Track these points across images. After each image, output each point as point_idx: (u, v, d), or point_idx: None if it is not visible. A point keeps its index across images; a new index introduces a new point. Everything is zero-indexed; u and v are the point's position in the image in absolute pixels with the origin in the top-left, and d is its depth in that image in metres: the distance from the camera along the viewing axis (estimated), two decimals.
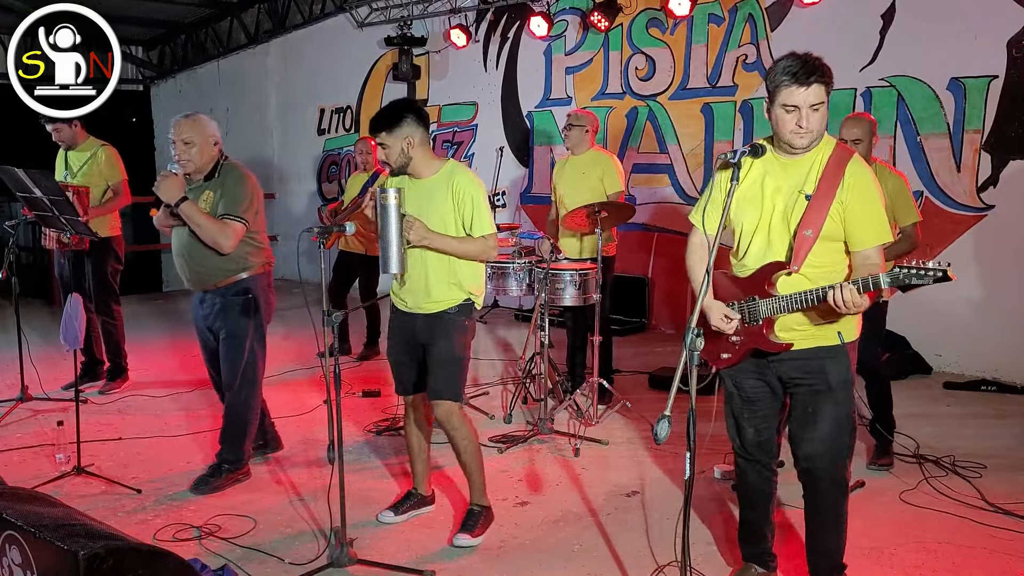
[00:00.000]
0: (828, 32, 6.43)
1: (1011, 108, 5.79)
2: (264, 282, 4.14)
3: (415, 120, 3.41)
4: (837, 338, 2.78)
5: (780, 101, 2.64)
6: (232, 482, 4.15)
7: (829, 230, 2.69)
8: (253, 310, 4.08)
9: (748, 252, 2.85)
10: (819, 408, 2.80)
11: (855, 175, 2.68)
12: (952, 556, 3.36)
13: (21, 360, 5.47)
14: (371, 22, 10.08)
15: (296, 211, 11.62)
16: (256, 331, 4.12)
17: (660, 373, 6.02)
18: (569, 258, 5.41)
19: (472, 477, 3.64)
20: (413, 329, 3.58)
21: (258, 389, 4.23)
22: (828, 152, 2.73)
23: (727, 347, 2.87)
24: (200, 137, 3.93)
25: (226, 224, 3.89)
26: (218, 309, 4.06)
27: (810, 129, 2.64)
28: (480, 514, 3.61)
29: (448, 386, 3.52)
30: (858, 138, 4.02)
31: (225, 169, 4.03)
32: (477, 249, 3.46)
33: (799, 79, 2.58)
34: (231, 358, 4.09)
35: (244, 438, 4.20)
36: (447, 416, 3.53)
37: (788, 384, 2.87)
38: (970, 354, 6.08)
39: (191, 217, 3.84)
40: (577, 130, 5.42)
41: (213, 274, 4.01)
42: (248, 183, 4.02)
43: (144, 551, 2.53)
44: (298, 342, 7.33)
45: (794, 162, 2.75)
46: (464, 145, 9.49)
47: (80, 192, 5.35)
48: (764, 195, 2.78)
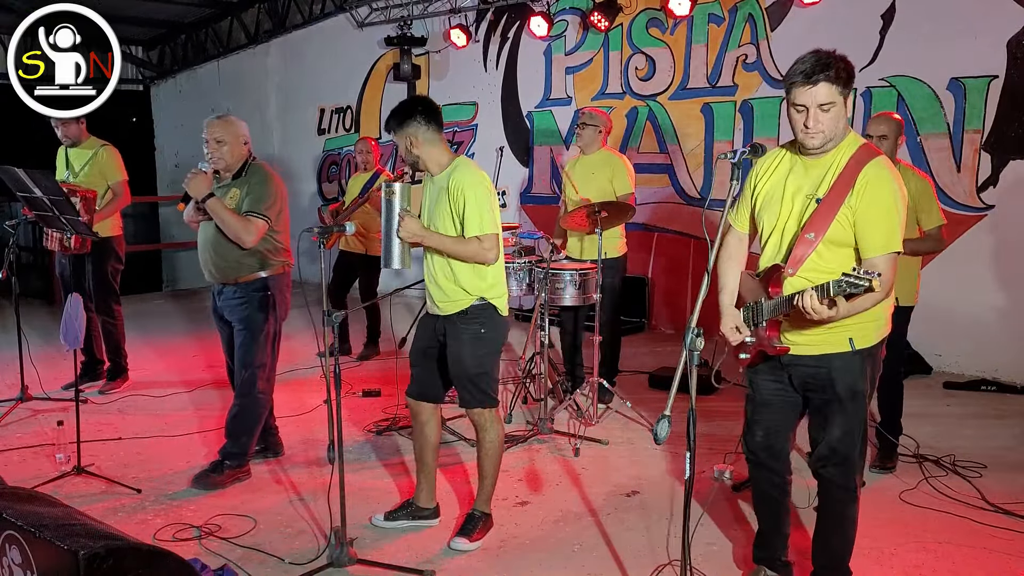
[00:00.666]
0: (828, 32, 6.41)
1: (1011, 108, 5.79)
2: (282, 282, 4.25)
3: (421, 119, 3.39)
4: (848, 344, 2.71)
5: (791, 100, 2.62)
6: (232, 479, 4.17)
7: (836, 235, 2.63)
8: (271, 307, 4.17)
9: (764, 252, 2.85)
10: (829, 415, 2.78)
11: (869, 179, 2.59)
12: (952, 556, 3.36)
13: (21, 360, 5.47)
14: (371, 22, 10.08)
15: (296, 211, 11.53)
16: (272, 327, 4.21)
17: (660, 373, 6.02)
18: (571, 257, 5.40)
19: (485, 482, 3.60)
20: (435, 329, 3.57)
21: (270, 387, 4.29)
22: (849, 153, 2.66)
23: (745, 347, 2.86)
24: (231, 136, 4.07)
25: (249, 221, 4.00)
26: (236, 303, 4.15)
27: (820, 130, 2.59)
28: (481, 519, 3.59)
29: (476, 396, 3.50)
30: (884, 134, 3.99)
31: (252, 169, 4.15)
32: (470, 251, 3.35)
33: (806, 77, 2.55)
34: (243, 351, 4.16)
35: (250, 435, 4.24)
36: (478, 420, 3.54)
37: (803, 388, 2.85)
38: (970, 354, 6.08)
39: (216, 212, 3.97)
40: (591, 129, 5.39)
41: (235, 268, 4.12)
42: (273, 183, 4.14)
43: (144, 551, 2.53)
44: (298, 342, 7.33)
45: (815, 163, 2.71)
46: (464, 145, 9.48)
47: (88, 198, 5.34)
48: (785, 195, 2.76)
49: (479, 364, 3.46)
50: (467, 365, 3.45)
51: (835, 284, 2.40)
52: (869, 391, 2.83)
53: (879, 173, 2.62)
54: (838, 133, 2.64)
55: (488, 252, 3.36)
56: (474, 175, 3.40)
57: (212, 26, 11.99)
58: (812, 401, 2.85)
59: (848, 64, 2.60)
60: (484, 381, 3.49)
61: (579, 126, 5.45)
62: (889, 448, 4.30)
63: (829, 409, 2.78)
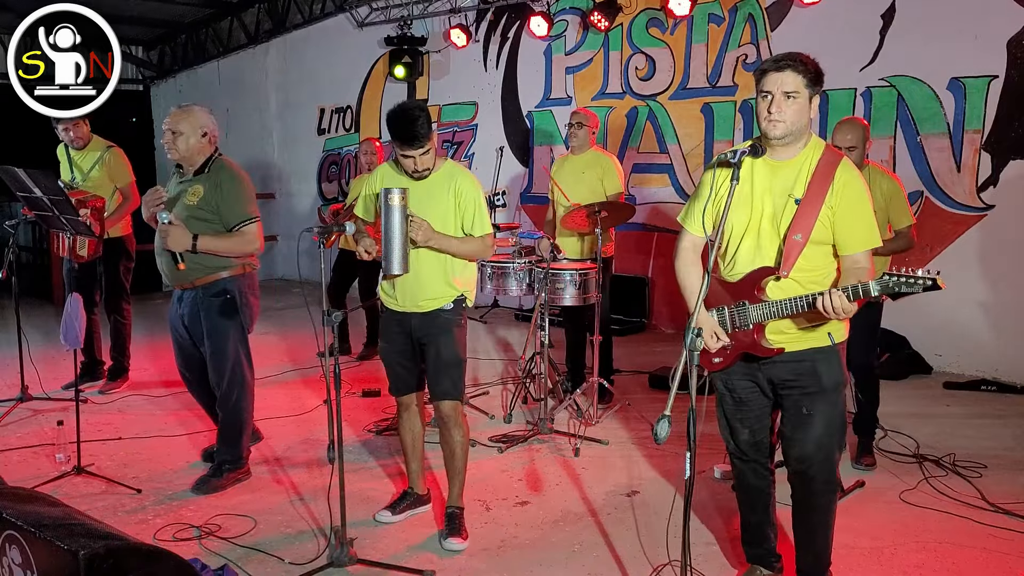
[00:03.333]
0: (828, 32, 6.44)
1: (1011, 108, 5.79)
2: (245, 283, 4.09)
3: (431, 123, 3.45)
4: (828, 339, 2.78)
5: (759, 89, 2.67)
6: (233, 481, 4.16)
7: (818, 234, 2.69)
8: (232, 311, 4.04)
9: (737, 255, 2.83)
10: (813, 409, 2.80)
11: (844, 179, 2.67)
12: (952, 556, 3.36)
13: (21, 360, 5.47)
14: (371, 22, 10.08)
15: (296, 211, 11.61)
16: (238, 333, 4.09)
17: (660, 373, 6.02)
18: (568, 258, 5.40)
19: (458, 478, 3.65)
20: (409, 328, 3.58)
21: (248, 389, 4.19)
22: (818, 155, 2.72)
23: (719, 351, 2.86)
24: (188, 127, 3.94)
25: (243, 233, 3.96)
26: (196, 309, 4.03)
27: (782, 118, 2.62)
28: (461, 515, 3.63)
29: (454, 387, 3.57)
30: (852, 145, 3.96)
31: (216, 166, 4.03)
32: (476, 249, 3.54)
33: (773, 63, 2.62)
34: (215, 360, 4.07)
35: (240, 438, 4.22)
36: (452, 415, 3.56)
37: (779, 386, 2.86)
38: (970, 354, 6.08)
39: (210, 249, 3.89)
40: (585, 129, 5.40)
41: (192, 271, 3.95)
42: (243, 183, 4.05)
43: (144, 551, 2.53)
44: (298, 342, 7.34)
45: (783, 164, 2.74)
46: (464, 145, 9.49)
47: (96, 207, 5.32)
48: (753, 196, 2.76)
49: (458, 354, 3.57)
50: (448, 356, 3.53)
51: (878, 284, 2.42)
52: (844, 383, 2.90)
53: (853, 174, 2.72)
54: (800, 129, 2.68)
55: (489, 249, 3.60)
56: (473, 178, 3.60)
57: (212, 26, 12.00)
58: (789, 398, 2.84)
59: (818, 66, 2.66)
60: (459, 372, 3.59)
61: (575, 126, 5.44)
62: (867, 443, 4.33)
63: (813, 403, 2.79)
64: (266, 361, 6.34)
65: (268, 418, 5.06)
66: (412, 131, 3.31)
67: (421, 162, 3.40)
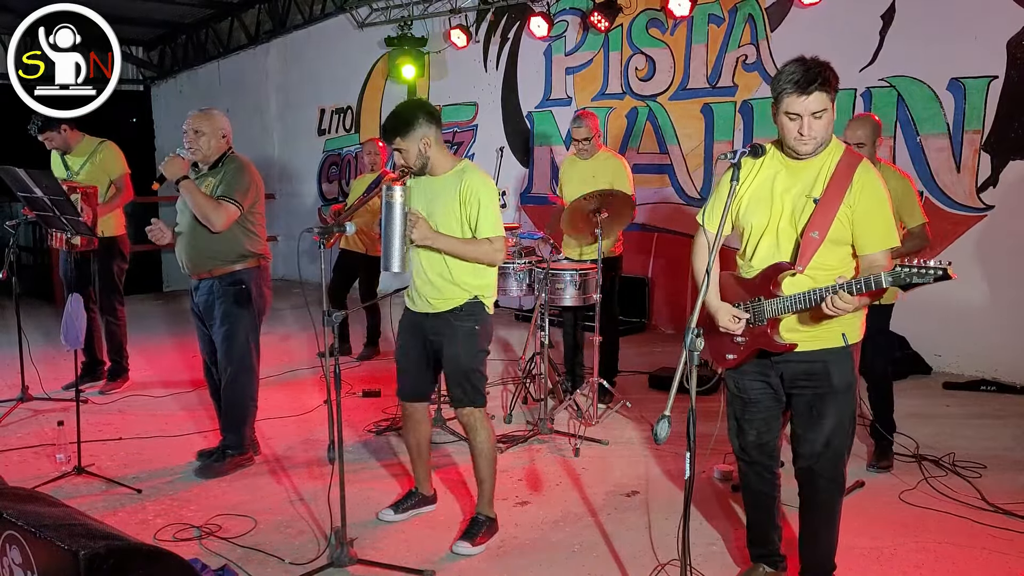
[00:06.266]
0: (828, 32, 6.43)
1: (1011, 108, 5.79)
2: (258, 276, 4.29)
3: (427, 119, 3.39)
4: (841, 339, 2.79)
5: (783, 108, 2.65)
6: (235, 466, 4.28)
7: (836, 233, 2.70)
8: (246, 300, 4.23)
9: (756, 253, 2.86)
10: (824, 409, 2.81)
11: (864, 180, 2.69)
12: (952, 556, 3.36)
13: (22, 360, 5.48)
14: (371, 22, 10.08)
15: (296, 211, 11.60)
16: (250, 321, 4.27)
17: (660, 373, 6.02)
18: (570, 258, 5.40)
19: (484, 485, 3.60)
20: (423, 328, 3.56)
21: (254, 376, 4.39)
22: (837, 156, 2.74)
23: (732, 348, 2.88)
24: (209, 129, 4.16)
25: (220, 204, 4.09)
26: (211, 297, 4.22)
27: (813, 136, 2.65)
28: (484, 524, 3.57)
29: (469, 394, 3.50)
30: (861, 141, 3.96)
31: (228, 160, 4.24)
32: (481, 251, 3.40)
33: (800, 88, 2.58)
34: (225, 345, 4.24)
35: (243, 423, 4.35)
36: (469, 421, 3.53)
37: (791, 385, 2.88)
38: (970, 354, 6.08)
39: (188, 193, 4.06)
40: (593, 139, 5.31)
41: (209, 260, 4.18)
42: (247, 172, 4.22)
43: (144, 551, 2.53)
44: (298, 342, 7.34)
45: (803, 165, 2.75)
46: (464, 145, 9.48)
47: (89, 193, 5.33)
48: (774, 196, 2.79)
49: (473, 360, 3.50)
50: (463, 362, 3.47)
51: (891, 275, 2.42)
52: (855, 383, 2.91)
53: (872, 175, 2.73)
54: (827, 137, 2.71)
55: (498, 253, 3.43)
56: (486, 179, 3.46)
57: (212, 26, 12.00)
58: (801, 397, 2.87)
59: (834, 71, 2.66)
60: (477, 378, 3.52)
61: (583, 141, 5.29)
62: (885, 447, 4.31)
63: (824, 403, 2.81)
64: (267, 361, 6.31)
65: (268, 418, 5.06)
66: (387, 125, 3.44)
67: (400, 158, 3.42)
